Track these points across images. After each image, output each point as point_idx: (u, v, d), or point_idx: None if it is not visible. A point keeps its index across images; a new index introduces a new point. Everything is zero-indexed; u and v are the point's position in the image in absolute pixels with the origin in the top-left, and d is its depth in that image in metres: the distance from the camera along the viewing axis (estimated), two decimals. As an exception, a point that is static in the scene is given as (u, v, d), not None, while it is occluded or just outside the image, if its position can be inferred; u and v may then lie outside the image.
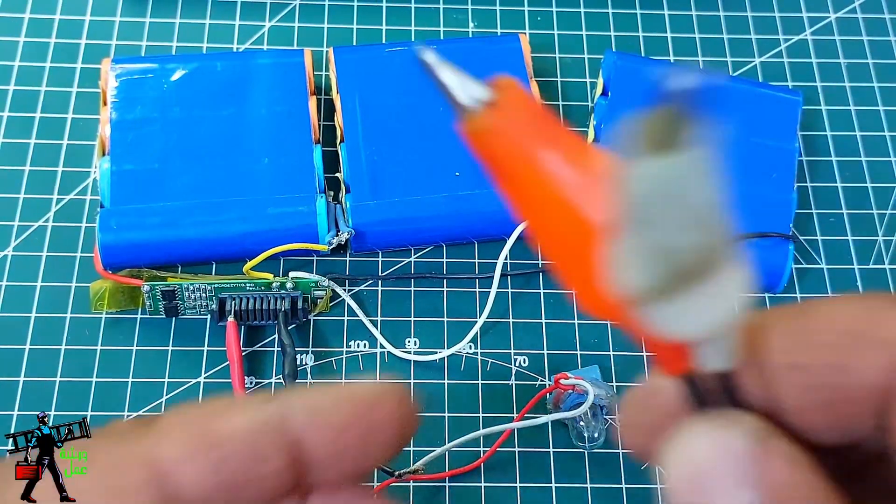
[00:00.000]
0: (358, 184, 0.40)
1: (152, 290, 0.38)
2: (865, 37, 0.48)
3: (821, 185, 0.44)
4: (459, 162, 0.41)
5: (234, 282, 0.38)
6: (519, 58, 0.43)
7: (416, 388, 0.38)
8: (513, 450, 0.37)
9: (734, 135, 0.42)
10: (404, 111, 0.42)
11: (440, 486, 0.36)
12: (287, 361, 0.37)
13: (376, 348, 0.39)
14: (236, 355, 0.37)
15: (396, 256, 0.41)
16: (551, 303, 0.40)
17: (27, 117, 0.43)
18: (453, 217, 0.40)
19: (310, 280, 0.39)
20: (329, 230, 0.39)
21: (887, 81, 0.47)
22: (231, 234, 0.39)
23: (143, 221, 0.38)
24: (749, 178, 0.41)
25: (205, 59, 0.43)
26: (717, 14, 0.49)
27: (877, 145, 0.45)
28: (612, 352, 0.39)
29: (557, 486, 0.37)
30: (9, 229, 0.41)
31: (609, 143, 0.40)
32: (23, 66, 0.45)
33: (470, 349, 0.39)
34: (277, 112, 0.41)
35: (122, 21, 0.46)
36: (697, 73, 0.12)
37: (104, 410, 0.37)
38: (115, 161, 0.40)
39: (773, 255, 0.40)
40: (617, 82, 0.42)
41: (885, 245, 0.43)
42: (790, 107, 0.43)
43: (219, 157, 0.40)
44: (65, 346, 0.38)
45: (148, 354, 0.38)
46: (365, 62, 0.43)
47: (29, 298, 0.39)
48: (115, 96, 0.41)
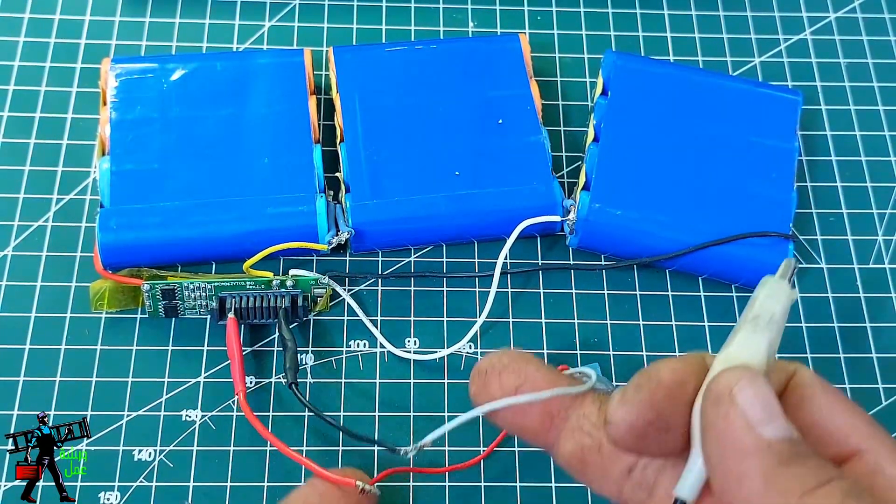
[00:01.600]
0: (358, 183, 0.40)
1: (152, 290, 0.38)
2: (865, 36, 0.48)
3: (820, 184, 0.44)
4: (459, 162, 0.41)
5: (235, 280, 0.38)
6: (519, 58, 0.43)
7: (416, 387, 0.38)
8: (513, 449, 0.37)
9: (734, 134, 0.42)
10: (404, 111, 0.42)
11: (440, 486, 0.36)
12: (288, 356, 0.37)
13: (376, 348, 0.39)
14: (237, 352, 0.37)
15: (396, 256, 0.41)
16: (551, 302, 0.40)
17: (27, 117, 0.43)
18: (453, 217, 0.40)
19: (310, 277, 0.39)
20: (329, 230, 0.39)
21: (887, 81, 0.47)
22: (231, 233, 0.39)
23: (142, 221, 0.38)
24: (749, 178, 0.41)
25: (204, 59, 0.43)
26: (716, 14, 0.49)
27: (877, 145, 0.45)
28: (612, 351, 0.39)
29: (557, 486, 0.37)
30: (9, 229, 0.41)
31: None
32: (22, 66, 0.45)
33: (470, 349, 0.39)
34: (277, 112, 0.41)
35: (121, 21, 0.46)
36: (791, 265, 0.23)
37: (104, 410, 0.37)
38: (115, 161, 0.40)
39: (773, 254, 0.40)
40: (617, 82, 0.42)
41: (884, 245, 0.43)
42: (790, 106, 0.43)
43: (218, 157, 0.40)
44: (65, 346, 0.38)
45: (148, 354, 0.38)
46: (365, 62, 0.43)
47: (29, 298, 0.39)
48: (114, 96, 0.41)
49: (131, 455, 0.36)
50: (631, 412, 0.22)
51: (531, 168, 0.41)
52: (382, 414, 0.38)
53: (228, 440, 0.37)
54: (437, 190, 0.40)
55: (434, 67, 0.43)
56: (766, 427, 0.20)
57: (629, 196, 0.40)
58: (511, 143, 0.41)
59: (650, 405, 0.22)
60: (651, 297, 0.41)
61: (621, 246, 0.40)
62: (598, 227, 0.40)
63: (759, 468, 0.19)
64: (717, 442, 0.20)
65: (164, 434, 0.37)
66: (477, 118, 0.42)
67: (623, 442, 0.22)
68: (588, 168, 0.41)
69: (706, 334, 0.40)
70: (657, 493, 0.23)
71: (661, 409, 0.22)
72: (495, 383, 0.24)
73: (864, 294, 0.41)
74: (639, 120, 0.42)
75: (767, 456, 0.19)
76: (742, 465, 0.19)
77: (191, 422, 0.37)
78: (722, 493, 0.20)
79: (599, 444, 0.23)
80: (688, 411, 0.22)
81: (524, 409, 0.24)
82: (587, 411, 0.24)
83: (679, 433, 0.22)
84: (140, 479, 0.36)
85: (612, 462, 0.23)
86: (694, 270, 0.41)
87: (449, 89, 0.42)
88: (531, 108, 0.42)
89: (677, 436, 0.22)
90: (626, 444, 0.22)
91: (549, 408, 0.24)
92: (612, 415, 0.22)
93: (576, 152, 0.44)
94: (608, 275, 0.41)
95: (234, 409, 0.37)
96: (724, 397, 0.20)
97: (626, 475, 0.23)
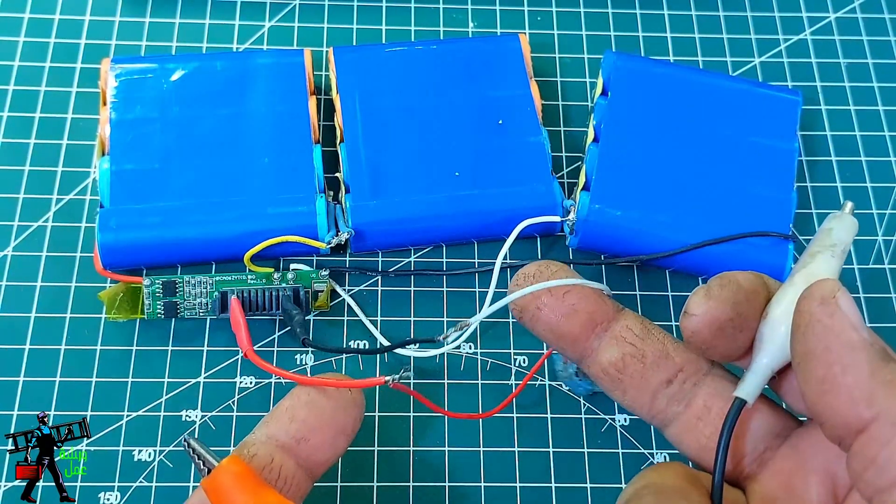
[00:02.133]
0: (358, 184, 0.40)
1: (153, 286, 0.38)
2: (865, 37, 0.48)
3: (820, 185, 0.44)
4: (459, 162, 0.41)
5: (236, 275, 0.38)
6: (519, 58, 0.43)
7: (415, 387, 0.38)
8: (512, 450, 0.37)
9: (734, 134, 0.42)
10: (404, 111, 0.42)
11: (440, 486, 0.36)
12: (296, 321, 0.37)
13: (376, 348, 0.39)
14: (242, 321, 0.36)
15: (396, 256, 0.41)
16: (551, 303, 0.40)
17: (27, 117, 0.43)
18: (453, 217, 0.40)
19: (311, 271, 0.39)
20: (329, 230, 0.39)
21: (887, 81, 0.47)
22: (231, 234, 0.39)
23: (142, 221, 0.38)
24: (749, 178, 0.41)
25: (204, 59, 0.43)
26: (716, 14, 0.49)
27: (877, 145, 0.45)
28: (612, 352, 0.39)
29: (557, 487, 0.37)
30: (8, 229, 0.41)
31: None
32: (22, 66, 0.45)
33: (469, 349, 0.39)
34: (277, 112, 0.41)
35: (121, 21, 0.46)
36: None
37: (104, 410, 0.37)
38: (115, 161, 0.40)
39: (773, 254, 0.40)
40: (617, 82, 0.42)
41: (884, 245, 0.43)
42: (790, 107, 0.43)
43: (218, 157, 0.40)
44: (64, 346, 0.38)
45: (148, 354, 0.38)
46: (365, 62, 0.43)
47: (29, 298, 0.39)
48: (114, 96, 0.41)
49: (131, 455, 0.36)
50: (715, 307, 0.24)
51: (531, 168, 0.41)
52: (382, 414, 0.38)
53: (228, 440, 0.37)
54: (437, 190, 0.40)
55: (434, 68, 0.43)
56: (864, 331, 0.22)
57: (629, 196, 0.40)
58: (511, 144, 0.41)
59: (732, 304, 0.24)
60: (651, 297, 0.41)
61: (621, 246, 0.40)
62: (597, 228, 0.40)
63: (865, 360, 0.21)
64: (823, 336, 0.22)
65: (163, 434, 0.37)
66: (477, 118, 0.42)
67: (699, 335, 0.24)
68: (588, 168, 0.41)
69: (706, 334, 0.40)
70: (695, 403, 0.25)
71: (741, 309, 0.24)
72: (545, 290, 0.26)
73: (863, 294, 0.41)
74: (639, 120, 0.42)
75: (872, 352, 0.21)
76: (848, 357, 0.21)
77: (191, 422, 0.37)
78: (819, 383, 0.22)
79: (643, 353, 0.26)
80: (758, 316, 0.24)
81: (569, 314, 0.26)
82: (630, 323, 0.26)
83: (749, 335, 0.24)
84: (140, 479, 0.36)
85: (653, 371, 0.26)
86: (694, 270, 0.41)
87: (449, 90, 0.42)
88: (531, 109, 0.42)
89: (747, 337, 0.24)
90: (702, 337, 0.24)
91: (594, 315, 0.26)
92: (695, 307, 0.24)
93: (576, 153, 0.44)
94: (608, 274, 0.41)
95: (233, 410, 0.37)
96: (829, 299, 0.22)
97: (663, 386, 0.26)
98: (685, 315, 0.24)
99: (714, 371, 0.26)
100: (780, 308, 0.24)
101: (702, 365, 0.26)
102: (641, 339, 0.26)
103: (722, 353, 0.25)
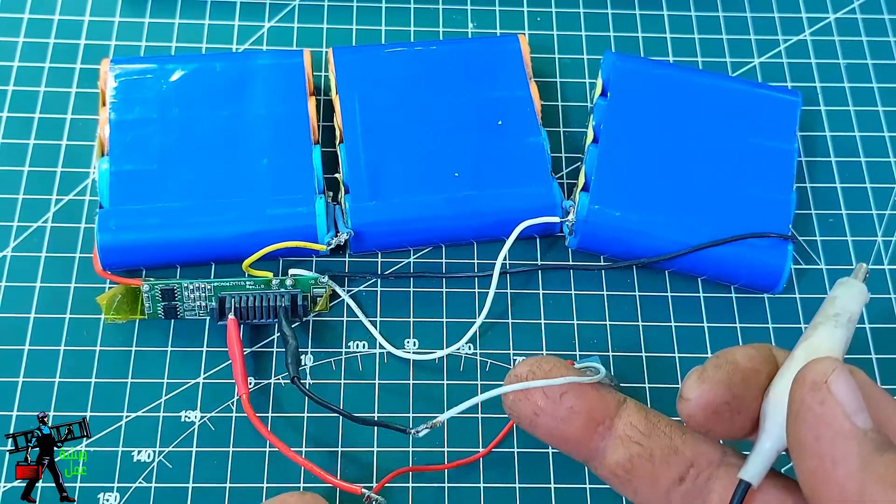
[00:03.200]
0: (357, 185, 0.40)
1: (152, 291, 0.38)
2: (865, 37, 0.49)
3: (820, 185, 0.44)
4: (459, 163, 0.41)
5: (234, 280, 0.38)
6: (518, 58, 0.43)
7: (415, 387, 0.38)
8: (512, 450, 0.37)
9: (733, 135, 0.42)
10: (404, 112, 0.42)
11: (439, 488, 0.36)
12: (290, 351, 0.36)
13: (375, 349, 0.39)
14: (238, 353, 0.37)
15: (396, 257, 0.41)
16: (550, 303, 0.40)
17: (26, 118, 0.43)
18: (453, 218, 0.40)
19: (309, 277, 0.39)
20: (328, 231, 0.39)
21: (887, 82, 0.47)
22: (230, 234, 0.39)
23: (142, 222, 0.38)
24: (748, 179, 0.41)
25: (204, 60, 0.43)
26: (716, 14, 0.49)
27: (876, 146, 0.45)
28: (612, 352, 0.39)
29: (557, 487, 0.37)
30: (8, 230, 0.41)
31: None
32: (22, 67, 0.45)
33: (469, 349, 0.39)
34: (276, 113, 0.41)
35: (121, 21, 0.46)
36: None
37: (104, 411, 0.37)
38: (114, 161, 0.40)
39: (772, 255, 0.40)
40: (616, 83, 0.42)
41: (884, 245, 0.43)
42: (789, 107, 0.43)
43: (218, 158, 0.40)
44: (64, 347, 0.38)
45: (147, 355, 0.38)
46: (364, 63, 0.43)
47: (28, 299, 0.39)
48: (114, 97, 0.41)
49: (130, 456, 0.36)
50: (709, 391, 0.23)
51: (530, 169, 0.41)
52: (382, 415, 0.38)
53: (228, 441, 0.37)
54: (436, 191, 0.40)
55: (433, 68, 0.43)
56: (858, 417, 0.21)
57: (628, 197, 0.40)
58: (510, 145, 0.41)
59: (727, 386, 0.23)
60: (650, 298, 0.41)
61: (620, 247, 0.40)
62: (597, 229, 0.40)
63: (856, 452, 0.20)
64: (813, 425, 0.21)
65: (163, 435, 0.37)
66: (476, 119, 0.42)
67: (695, 419, 0.23)
68: (587, 169, 0.41)
69: (706, 335, 0.40)
70: (711, 499, 0.24)
71: (737, 391, 0.23)
72: (538, 391, 0.25)
73: (863, 295, 0.41)
74: (638, 121, 0.42)
75: (864, 442, 0.20)
76: (839, 448, 0.20)
77: (190, 423, 0.37)
78: (811, 474, 0.21)
79: (650, 452, 0.24)
80: (759, 396, 0.23)
81: (568, 417, 0.25)
82: (634, 419, 0.25)
83: (748, 417, 0.23)
84: (139, 479, 0.36)
85: (663, 470, 0.24)
86: (693, 271, 0.41)
87: (448, 90, 0.42)
88: (530, 110, 0.42)
89: (746, 419, 0.23)
90: (698, 421, 0.23)
91: (594, 415, 0.24)
92: (688, 391, 0.23)
93: (575, 153, 0.44)
94: (607, 276, 0.41)
95: (233, 410, 0.37)
96: (821, 384, 0.21)
97: (676, 484, 0.24)
98: (680, 399, 0.23)
99: (727, 459, 0.24)
100: (780, 386, 0.23)
101: (714, 456, 0.24)
102: (647, 436, 0.24)
103: (721, 435, 0.24)
